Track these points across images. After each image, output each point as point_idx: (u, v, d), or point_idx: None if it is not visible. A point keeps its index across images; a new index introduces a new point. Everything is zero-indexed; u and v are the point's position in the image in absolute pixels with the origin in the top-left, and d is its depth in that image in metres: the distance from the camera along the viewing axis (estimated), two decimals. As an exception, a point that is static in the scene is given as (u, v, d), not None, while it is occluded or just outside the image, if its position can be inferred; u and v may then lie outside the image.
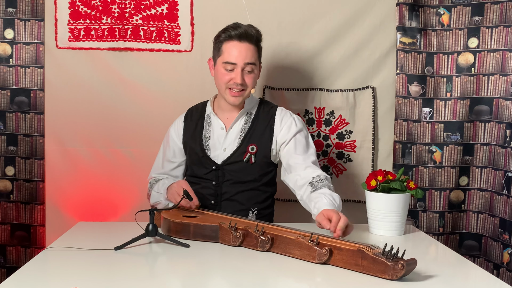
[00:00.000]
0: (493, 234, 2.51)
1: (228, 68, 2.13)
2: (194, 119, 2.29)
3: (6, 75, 2.60)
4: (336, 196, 2.02)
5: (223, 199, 2.20)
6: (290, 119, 2.21)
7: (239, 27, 2.14)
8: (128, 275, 1.58)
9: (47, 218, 2.65)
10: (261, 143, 2.19)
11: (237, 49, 2.12)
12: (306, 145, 2.19)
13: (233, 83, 2.13)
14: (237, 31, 2.13)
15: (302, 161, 2.14)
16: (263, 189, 2.22)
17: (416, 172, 2.64)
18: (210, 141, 2.23)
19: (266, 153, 2.19)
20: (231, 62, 2.12)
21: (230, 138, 2.21)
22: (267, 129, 2.20)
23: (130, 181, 2.65)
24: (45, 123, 2.62)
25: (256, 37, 2.16)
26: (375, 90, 2.67)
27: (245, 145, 2.18)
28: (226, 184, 2.19)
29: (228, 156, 2.19)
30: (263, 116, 2.23)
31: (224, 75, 2.14)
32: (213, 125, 2.25)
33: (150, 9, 2.60)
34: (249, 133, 2.20)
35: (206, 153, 2.22)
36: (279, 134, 2.19)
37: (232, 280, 1.56)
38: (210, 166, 2.21)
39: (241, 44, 2.12)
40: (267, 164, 2.22)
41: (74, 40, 2.59)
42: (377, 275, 1.52)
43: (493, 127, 2.54)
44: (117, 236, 1.91)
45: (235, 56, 2.12)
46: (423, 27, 2.61)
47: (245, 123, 2.22)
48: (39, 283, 1.53)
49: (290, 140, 2.17)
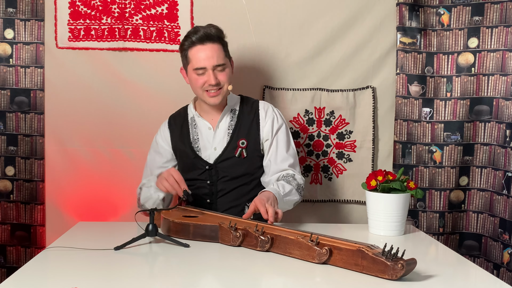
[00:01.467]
0: (493, 234, 2.51)
1: (199, 73, 2.17)
2: (178, 124, 2.32)
3: (6, 75, 2.60)
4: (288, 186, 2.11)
5: (219, 197, 2.22)
6: (273, 114, 2.27)
7: (198, 30, 2.17)
8: (128, 275, 1.58)
9: (47, 218, 2.65)
10: (250, 137, 2.23)
11: (203, 52, 2.15)
12: (286, 144, 2.25)
13: (207, 85, 2.17)
14: (197, 35, 2.16)
15: (280, 164, 2.22)
16: (256, 182, 2.26)
17: (416, 172, 2.64)
18: (199, 142, 2.25)
19: (256, 146, 2.24)
20: (200, 67, 2.16)
21: (219, 136, 2.24)
22: (253, 123, 2.25)
23: (130, 181, 2.64)
24: (45, 123, 2.62)
25: (217, 35, 2.18)
26: (375, 90, 2.67)
27: (235, 140, 2.22)
28: (221, 181, 2.22)
29: (220, 154, 2.22)
30: (247, 111, 2.28)
31: (198, 80, 2.18)
32: (199, 126, 2.28)
33: (150, 9, 2.60)
34: (236, 129, 2.24)
35: (198, 154, 2.24)
36: (265, 128, 2.25)
37: (232, 280, 1.56)
38: (203, 166, 2.23)
39: (205, 46, 2.15)
40: (259, 158, 2.26)
41: (74, 40, 2.60)
42: (377, 275, 1.52)
43: (493, 127, 2.54)
44: (117, 236, 1.91)
45: (202, 60, 2.15)
46: (423, 27, 2.61)
47: (231, 120, 2.26)
48: (39, 283, 1.53)
49: (272, 140, 2.24)
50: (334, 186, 2.70)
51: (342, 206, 2.72)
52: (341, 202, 2.71)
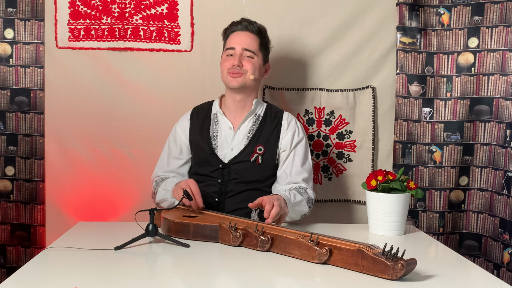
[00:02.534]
0: (493, 234, 2.51)
1: (229, 53, 2.25)
2: (201, 118, 2.32)
3: (6, 75, 2.60)
4: (299, 196, 2.12)
5: (227, 197, 2.21)
6: (295, 127, 2.28)
7: (244, 20, 2.30)
8: (128, 275, 1.58)
9: (47, 218, 2.65)
10: (268, 144, 2.23)
11: (238, 36, 2.27)
12: (303, 158, 2.25)
13: (231, 66, 2.22)
14: (240, 24, 2.29)
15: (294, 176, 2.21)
16: (266, 190, 2.24)
17: (416, 172, 2.64)
18: (217, 140, 2.25)
19: (272, 155, 2.23)
20: (230, 47, 2.25)
21: (238, 138, 2.24)
22: (274, 132, 2.25)
23: (130, 181, 2.64)
24: (45, 123, 2.62)
25: (258, 28, 2.29)
26: (375, 90, 2.67)
27: (253, 145, 2.21)
28: (232, 182, 2.21)
29: (236, 155, 2.22)
30: (270, 119, 2.28)
31: (225, 61, 2.26)
32: (220, 124, 2.28)
33: (150, 9, 2.60)
34: (257, 134, 2.24)
35: (214, 151, 2.23)
36: (284, 139, 2.24)
37: (232, 280, 1.56)
38: (216, 164, 2.22)
39: (242, 32, 2.27)
40: (273, 167, 2.25)
41: (74, 40, 2.59)
42: (377, 275, 1.52)
43: (493, 127, 2.54)
44: (117, 236, 1.91)
45: (234, 42, 2.26)
46: (423, 27, 2.61)
47: (253, 124, 2.26)
48: (39, 283, 1.53)
49: (290, 152, 2.24)
50: (334, 186, 2.70)
51: (342, 206, 2.71)
52: (341, 202, 2.71)
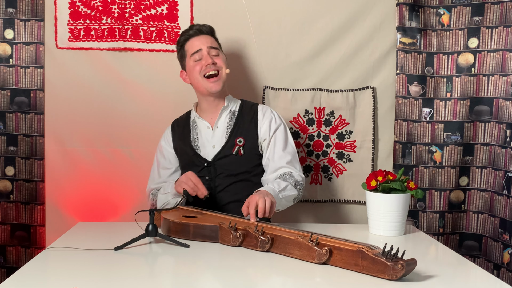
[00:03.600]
0: (493, 234, 2.51)
1: (196, 59, 2.27)
2: (181, 126, 2.38)
3: (6, 75, 2.60)
4: (283, 183, 2.12)
5: (218, 192, 2.25)
6: (271, 115, 2.32)
7: (192, 27, 2.34)
8: (128, 275, 1.58)
9: (47, 218, 2.65)
10: (247, 135, 2.27)
11: (196, 39, 2.30)
12: (284, 143, 2.28)
13: (205, 66, 2.25)
14: (191, 30, 2.33)
15: (277, 161, 2.24)
16: (255, 179, 2.28)
17: (416, 172, 2.64)
18: (198, 141, 2.31)
19: (253, 145, 2.27)
20: (195, 50, 2.27)
21: (218, 135, 2.29)
22: (252, 123, 2.29)
23: (130, 181, 2.65)
24: (45, 123, 2.62)
25: (210, 30, 2.34)
26: (375, 90, 2.67)
27: (233, 139, 2.26)
28: (219, 177, 2.25)
29: (218, 152, 2.26)
30: (246, 112, 2.32)
31: (196, 66, 2.28)
32: (199, 127, 2.33)
33: (150, 9, 2.60)
34: (235, 128, 2.28)
35: (197, 152, 2.28)
36: (262, 128, 2.28)
37: (232, 280, 1.56)
38: (201, 164, 2.27)
39: (199, 36, 2.30)
40: (256, 156, 2.28)
41: (74, 40, 2.60)
42: (377, 275, 1.52)
43: (493, 127, 2.54)
44: (117, 236, 1.91)
45: (197, 44, 2.28)
46: (423, 27, 2.61)
47: (230, 120, 2.30)
48: (39, 283, 1.53)
49: (270, 139, 2.27)
50: (334, 186, 2.70)
51: (342, 206, 2.71)
52: (341, 202, 2.71)
